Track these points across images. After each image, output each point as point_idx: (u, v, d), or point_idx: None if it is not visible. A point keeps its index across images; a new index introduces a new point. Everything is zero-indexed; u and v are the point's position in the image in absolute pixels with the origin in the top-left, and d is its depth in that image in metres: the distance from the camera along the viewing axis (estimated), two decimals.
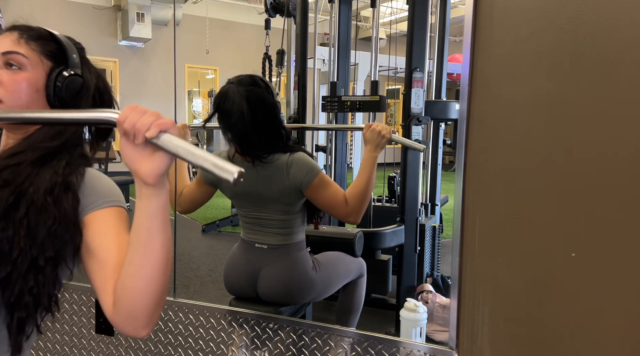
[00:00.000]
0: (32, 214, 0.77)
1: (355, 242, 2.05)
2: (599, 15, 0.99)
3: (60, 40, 0.90)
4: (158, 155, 0.67)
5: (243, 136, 1.62)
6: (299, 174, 1.61)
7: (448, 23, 3.18)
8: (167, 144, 0.65)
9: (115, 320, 0.75)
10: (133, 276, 0.72)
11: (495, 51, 1.12)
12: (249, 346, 1.57)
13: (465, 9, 1.14)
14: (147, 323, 0.74)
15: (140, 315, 0.73)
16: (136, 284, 0.72)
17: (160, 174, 0.68)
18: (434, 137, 3.08)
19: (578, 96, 1.03)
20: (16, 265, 0.75)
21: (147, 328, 0.75)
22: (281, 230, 1.70)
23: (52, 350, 1.81)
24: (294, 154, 1.63)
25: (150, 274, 0.71)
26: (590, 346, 1.05)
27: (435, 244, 2.95)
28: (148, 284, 0.72)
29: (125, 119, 0.66)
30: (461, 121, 1.18)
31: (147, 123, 0.65)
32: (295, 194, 1.65)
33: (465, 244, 1.20)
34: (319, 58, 4.34)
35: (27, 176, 0.80)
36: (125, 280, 0.73)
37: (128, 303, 0.73)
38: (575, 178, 1.04)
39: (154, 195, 0.69)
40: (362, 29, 10.11)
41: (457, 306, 1.22)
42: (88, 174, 0.86)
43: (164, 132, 0.65)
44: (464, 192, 1.19)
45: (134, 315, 0.73)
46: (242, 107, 1.58)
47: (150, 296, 0.72)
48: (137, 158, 0.67)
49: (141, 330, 0.74)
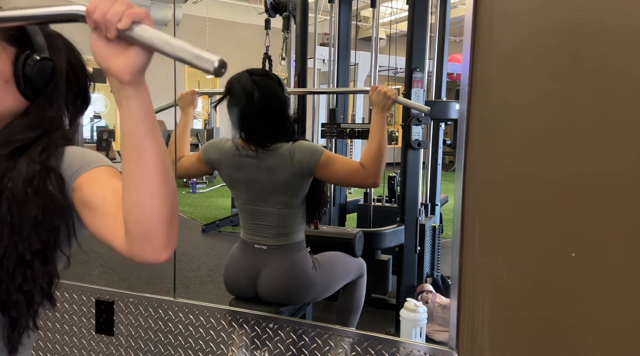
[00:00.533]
0: (15, 210, 0.73)
1: (355, 242, 2.05)
2: (599, 16, 0.99)
3: None
4: (133, 50, 0.61)
5: (251, 120, 1.64)
6: (304, 158, 1.63)
7: (448, 23, 3.18)
8: (140, 35, 0.59)
9: (130, 249, 0.68)
10: (133, 191, 0.66)
11: (495, 51, 1.12)
12: (249, 346, 1.57)
13: (465, 9, 1.14)
14: (165, 243, 0.67)
15: (154, 235, 0.66)
16: (139, 199, 0.66)
17: (136, 71, 0.62)
18: (434, 137, 3.08)
19: (578, 96, 1.03)
20: (2, 264, 0.72)
21: (166, 250, 0.68)
22: (281, 229, 1.70)
23: (52, 350, 1.81)
24: (296, 142, 1.66)
25: (150, 186, 0.65)
26: (590, 345, 1.05)
27: (435, 244, 2.95)
28: (152, 197, 0.66)
29: (95, 8, 0.60)
30: (461, 121, 1.18)
31: (118, 12, 0.59)
32: (301, 181, 1.66)
33: (465, 244, 1.20)
34: (319, 58, 4.33)
35: (4, 171, 0.75)
36: (127, 202, 0.67)
37: (137, 224, 0.67)
38: (575, 178, 1.04)
39: (133, 97, 0.63)
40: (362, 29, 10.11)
41: (457, 306, 1.22)
42: (68, 151, 0.80)
43: (137, 23, 0.59)
44: (464, 192, 1.19)
45: (147, 235, 0.67)
46: (253, 91, 1.62)
47: (158, 210, 0.66)
48: (109, 54, 0.61)
49: (161, 252, 0.68)
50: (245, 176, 1.69)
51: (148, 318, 1.70)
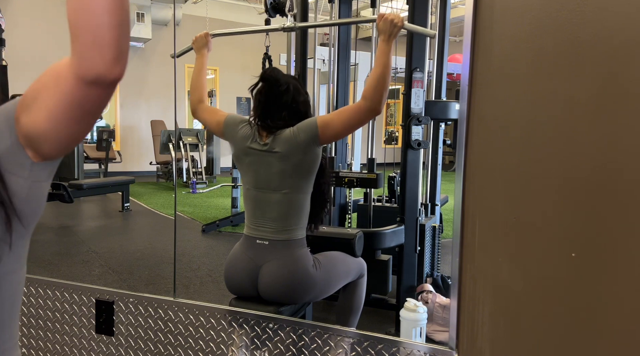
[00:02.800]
0: None
1: (355, 242, 2.05)
2: (599, 16, 0.99)
3: None
4: None
5: (278, 108, 1.74)
6: (307, 134, 1.70)
7: (448, 23, 3.18)
8: None
9: (80, 66, 0.61)
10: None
11: (495, 51, 1.12)
12: (249, 346, 1.57)
13: (465, 9, 1.14)
14: (116, 54, 0.60)
15: (104, 41, 0.59)
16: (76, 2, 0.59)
17: None
18: (434, 137, 3.08)
19: (578, 96, 1.03)
20: None
21: (119, 62, 0.61)
22: (283, 222, 1.71)
23: (52, 350, 1.81)
24: (294, 126, 1.74)
25: None
26: (590, 346, 1.05)
27: (435, 244, 2.95)
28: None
29: None
30: (461, 121, 1.18)
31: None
32: (311, 157, 1.72)
33: (465, 244, 1.20)
34: (319, 58, 4.33)
35: None
36: (68, 7, 0.60)
37: (85, 29, 0.59)
38: (575, 178, 1.04)
39: None
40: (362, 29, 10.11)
41: (457, 306, 1.22)
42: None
43: None
44: (464, 192, 1.19)
45: (96, 42, 0.59)
46: (290, 83, 1.75)
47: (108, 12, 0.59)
48: None
49: (114, 64, 0.60)
50: (254, 160, 1.75)
51: (148, 318, 1.70)
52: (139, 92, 9.69)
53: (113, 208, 6.36)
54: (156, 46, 9.48)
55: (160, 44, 9.47)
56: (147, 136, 9.47)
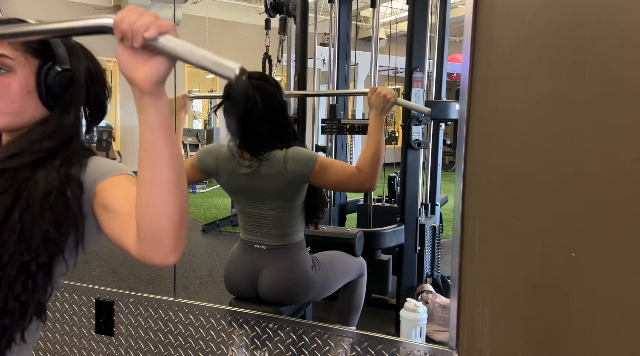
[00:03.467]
0: (27, 220, 0.76)
1: (355, 242, 2.05)
2: (599, 16, 0.99)
3: None
4: (155, 60, 0.64)
5: (251, 126, 1.61)
6: (298, 166, 1.60)
7: (448, 23, 3.18)
8: (165, 44, 0.62)
9: (140, 252, 0.72)
10: (147, 195, 0.69)
11: (495, 51, 1.12)
12: (249, 346, 1.57)
13: (465, 9, 1.14)
14: (173, 247, 0.70)
15: (164, 238, 0.69)
16: (153, 204, 0.69)
17: (158, 80, 0.65)
18: (434, 137, 3.08)
19: (578, 96, 1.03)
20: (5, 271, 0.74)
21: (174, 254, 0.71)
22: (280, 230, 1.70)
23: (52, 350, 1.81)
24: (289, 149, 1.63)
25: (164, 191, 0.68)
26: (590, 346, 1.05)
27: (435, 244, 2.95)
28: (165, 202, 0.69)
29: (123, 20, 0.63)
30: (461, 121, 1.18)
31: (146, 24, 0.62)
32: (296, 187, 1.65)
33: (465, 244, 1.20)
34: (319, 58, 4.33)
35: (23, 180, 0.78)
36: (141, 205, 0.70)
37: (149, 227, 0.69)
38: (575, 178, 1.04)
39: (152, 105, 0.67)
40: (362, 29, 10.11)
41: (457, 306, 1.22)
42: (92, 160, 0.85)
43: (163, 34, 0.62)
44: (464, 192, 1.19)
45: (158, 239, 0.69)
46: (253, 95, 1.58)
47: (170, 215, 0.69)
48: (133, 64, 0.64)
49: (169, 256, 0.71)
50: (243, 183, 1.68)
51: (148, 318, 1.70)
52: None
53: None
54: None
55: None
56: None
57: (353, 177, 1.60)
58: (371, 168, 1.58)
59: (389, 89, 1.63)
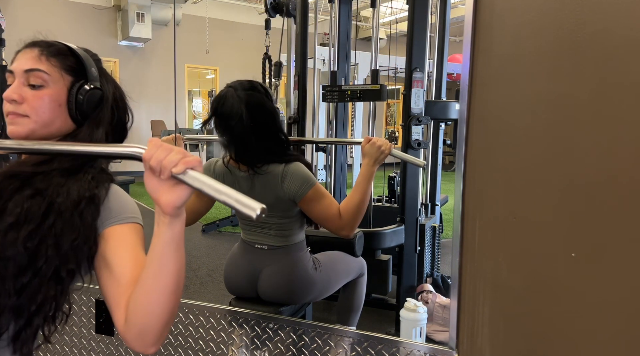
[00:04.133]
0: (59, 225, 0.79)
1: (356, 242, 2.05)
2: (599, 16, 0.99)
3: (78, 54, 0.93)
4: (179, 188, 0.70)
5: (241, 140, 1.59)
6: (292, 186, 1.58)
7: (448, 23, 3.18)
8: (193, 181, 0.68)
9: (126, 336, 0.78)
10: (145, 296, 0.75)
11: (495, 51, 1.12)
12: (249, 346, 1.57)
13: (465, 9, 1.14)
14: (156, 340, 0.77)
15: (151, 333, 0.76)
16: (147, 304, 0.75)
17: (179, 206, 0.71)
18: (434, 137, 3.08)
19: (578, 96, 1.03)
20: (40, 273, 0.77)
21: (155, 346, 0.77)
22: (280, 232, 1.70)
23: (52, 350, 1.81)
24: (289, 165, 1.60)
25: (161, 296, 0.74)
26: (590, 346, 1.05)
27: (435, 244, 2.95)
28: (159, 305, 0.75)
29: (152, 157, 0.69)
30: (461, 121, 1.18)
31: (174, 161, 0.67)
32: (289, 204, 1.64)
33: (465, 244, 1.20)
34: (319, 58, 4.33)
35: (56, 186, 0.82)
36: (137, 299, 0.76)
37: (139, 321, 0.75)
38: (575, 178, 1.04)
39: (169, 224, 0.73)
40: (362, 29, 10.12)
41: (457, 306, 1.22)
42: (112, 189, 0.89)
43: (190, 169, 0.68)
44: (464, 192, 1.19)
45: (144, 332, 0.76)
46: (241, 110, 1.55)
47: (161, 316, 0.75)
48: (159, 189, 0.70)
49: (150, 347, 0.77)
50: (242, 190, 1.66)
51: None
52: (138, 92, 9.67)
53: None
54: (156, 46, 9.47)
55: (160, 44, 9.46)
56: (147, 136, 9.47)
57: (334, 219, 1.59)
58: (352, 217, 1.58)
59: (384, 140, 1.60)
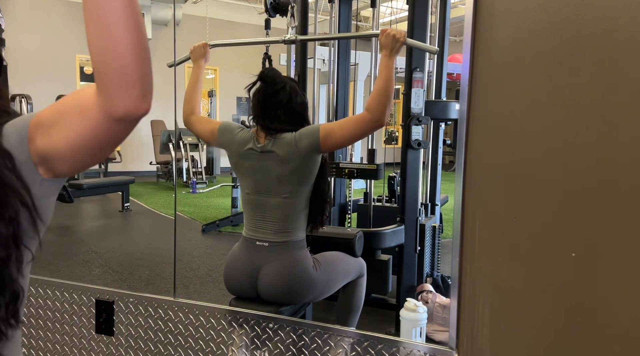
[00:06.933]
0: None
1: (355, 242, 2.05)
2: (599, 16, 0.99)
3: None
4: None
5: (275, 108, 1.72)
6: (307, 141, 1.69)
7: (448, 23, 3.18)
8: None
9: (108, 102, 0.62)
10: (95, 32, 0.60)
11: (495, 51, 1.12)
12: (249, 346, 1.57)
13: (465, 9, 1.14)
14: (143, 91, 0.63)
15: (132, 80, 0.61)
16: (101, 39, 0.60)
17: None
18: (434, 137, 3.08)
19: (578, 96, 1.03)
20: None
21: (146, 99, 0.63)
22: (283, 224, 1.70)
23: (52, 350, 1.81)
24: (297, 131, 1.73)
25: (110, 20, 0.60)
26: (590, 346, 1.05)
27: (435, 244, 2.95)
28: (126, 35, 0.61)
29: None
30: (461, 121, 1.18)
31: None
32: (310, 166, 1.72)
33: (465, 244, 1.20)
34: (319, 58, 4.33)
35: None
36: (91, 48, 0.61)
37: (113, 70, 0.61)
38: (575, 178, 1.04)
39: None
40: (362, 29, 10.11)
41: (457, 306, 1.22)
42: (7, 127, 0.69)
43: None
44: (464, 192, 1.19)
45: (125, 81, 0.61)
46: (287, 83, 1.74)
47: (133, 50, 0.61)
48: None
49: (142, 101, 0.63)
50: (253, 165, 1.74)
51: (148, 318, 1.70)
52: None
53: (113, 207, 6.35)
54: (156, 46, 9.45)
55: (160, 43, 9.46)
56: (147, 136, 9.47)
57: (362, 121, 1.66)
58: (380, 103, 1.63)
59: (398, 29, 1.69)
